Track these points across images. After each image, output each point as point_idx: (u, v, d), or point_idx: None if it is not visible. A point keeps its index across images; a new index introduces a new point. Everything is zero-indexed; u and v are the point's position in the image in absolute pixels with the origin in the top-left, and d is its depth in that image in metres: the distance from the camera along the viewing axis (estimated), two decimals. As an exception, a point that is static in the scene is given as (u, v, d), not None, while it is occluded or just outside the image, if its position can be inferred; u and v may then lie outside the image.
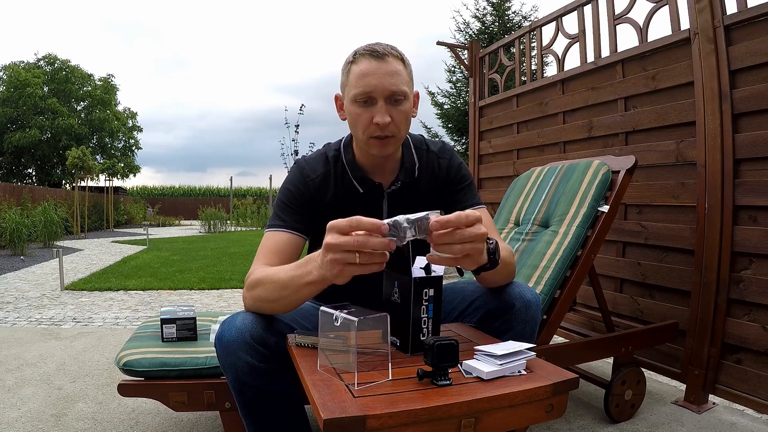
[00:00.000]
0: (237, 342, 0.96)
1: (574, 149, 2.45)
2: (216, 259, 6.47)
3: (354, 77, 1.05)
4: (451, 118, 10.68)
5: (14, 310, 3.42)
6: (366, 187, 1.17)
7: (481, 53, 3.34)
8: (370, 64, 1.03)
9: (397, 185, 1.17)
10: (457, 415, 0.75)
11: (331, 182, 1.17)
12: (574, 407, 1.78)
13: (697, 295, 1.77)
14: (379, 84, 1.03)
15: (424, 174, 1.20)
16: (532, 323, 1.09)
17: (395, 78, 1.04)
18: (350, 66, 1.07)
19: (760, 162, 1.62)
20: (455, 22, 11.49)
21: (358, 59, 1.05)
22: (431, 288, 0.93)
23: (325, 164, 1.18)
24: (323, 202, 1.16)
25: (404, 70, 1.07)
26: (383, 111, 1.04)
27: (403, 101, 1.06)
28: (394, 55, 1.05)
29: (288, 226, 1.12)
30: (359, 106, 1.06)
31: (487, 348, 0.87)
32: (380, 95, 1.04)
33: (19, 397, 1.86)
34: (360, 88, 1.04)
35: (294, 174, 1.18)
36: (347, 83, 1.08)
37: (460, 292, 1.21)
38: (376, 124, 1.04)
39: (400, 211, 1.00)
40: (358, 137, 1.10)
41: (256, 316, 1.01)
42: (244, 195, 24.11)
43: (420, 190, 1.19)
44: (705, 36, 1.75)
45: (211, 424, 1.66)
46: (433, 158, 1.21)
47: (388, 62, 1.04)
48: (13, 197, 9.38)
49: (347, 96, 1.08)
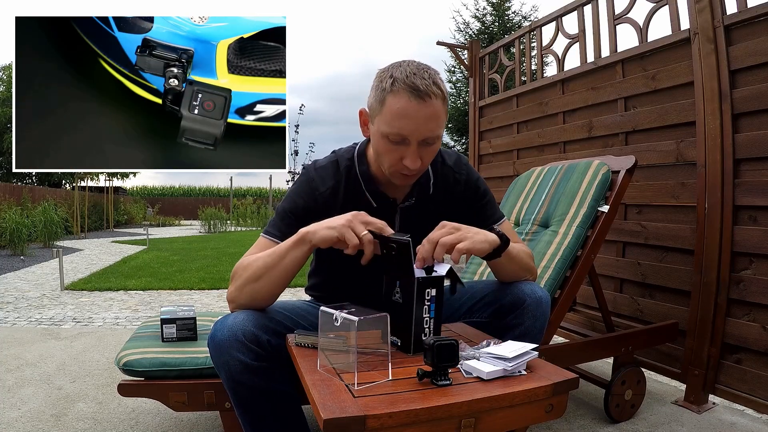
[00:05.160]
0: (229, 341, 0.97)
1: (574, 149, 2.44)
2: (216, 259, 6.47)
3: (390, 113, 0.97)
4: (451, 118, 10.69)
5: (14, 310, 3.42)
6: (379, 202, 1.14)
7: (481, 53, 3.34)
8: (409, 104, 0.95)
9: (411, 201, 1.15)
10: (457, 415, 0.75)
11: (341, 194, 1.13)
12: (574, 407, 1.78)
13: (697, 295, 1.77)
14: (416, 130, 0.97)
15: (440, 189, 1.17)
16: (542, 319, 1.11)
17: (434, 123, 0.98)
18: (386, 96, 0.98)
19: (760, 162, 1.62)
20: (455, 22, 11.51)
21: (398, 93, 0.96)
22: (433, 288, 0.93)
23: (336, 175, 1.14)
24: (333, 210, 1.10)
25: (443, 108, 0.99)
26: (415, 155, 1.00)
27: (436, 141, 1.02)
28: (436, 94, 0.97)
29: (285, 239, 1.08)
30: (390, 143, 1.00)
31: (490, 350, 0.87)
32: (415, 139, 0.98)
33: (19, 397, 1.86)
34: (395, 129, 0.98)
35: (302, 185, 1.14)
36: (380, 113, 1.00)
37: (469, 289, 1.22)
38: (404, 166, 1.01)
39: (412, 226, 1.06)
40: (383, 166, 1.07)
41: (248, 314, 1.01)
42: (244, 195, 24.11)
43: (434, 205, 1.16)
44: (705, 36, 1.75)
45: (211, 424, 1.66)
46: (448, 173, 1.18)
47: (428, 104, 0.96)
48: (13, 197, 9.37)
49: (377, 126, 1.02)
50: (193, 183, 29.46)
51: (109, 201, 13.73)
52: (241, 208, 16.21)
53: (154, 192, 26.40)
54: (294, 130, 9.08)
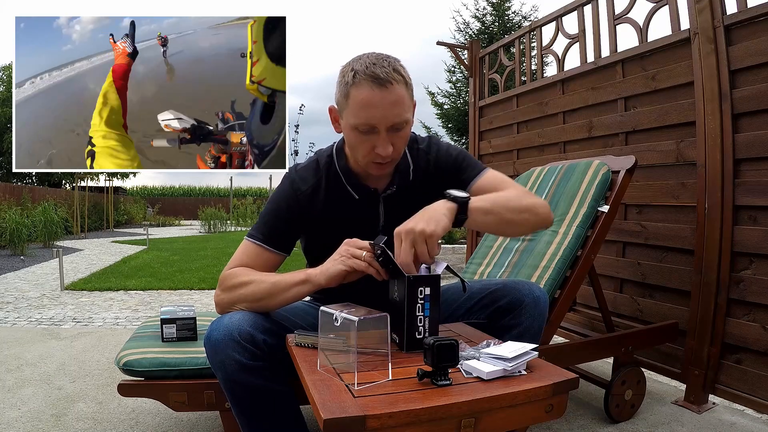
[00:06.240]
0: (225, 340, 0.98)
1: (574, 149, 2.44)
2: (216, 259, 6.47)
3: (355, 105, 1.00)
4: (451, 118, 10.70)
5: (14, 310, 3.42)
6: (361, 194, 1.15)
7: (481, 53, 3.34)
8: (372, 93, 0.98)
9: (392, 189, 1.16)
10: (457, 415, 0.75)
11: (323, 190, 1.15)
12: (574, 407, 1.78)
13: (697, 295, 1.77)
14: (383, 117, 0.99)
15: (420, 174, 1.18)
16: (540, 319, 1.11)
17: (399, 108, 1.00)
18: (349, 89, 1.00)
19: (760, 162, 1.62)
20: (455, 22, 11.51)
21: (359, 84, 0.99)
22: (428, 287, 0.93)
23: (317, 173, 1.16)
24: (315, 210, 1.15)
25: (406, 93, 1.02)
26: (386, 142, 1.02)
27: (405, 127, 1.04)
28: (397, 80, 0.99)
29: (269, 242, 1.12)
30: (360, 134, 1.03)
31: (490, 350, 0.87)
32: (383, 127, 1.01)
33: (19, 397, 1.86)
34: (362, 119, 1.00)
35: (284, 188, 1.16)
36: (346, 107, 1.03)
37: (467, 290, 1.22)
38: (377, 154, 1.03)
39: (397, 214, 1.07)
40: (357, 159, 1.09)
41: (244, 314, 1.02)
42: (244, 195, 24.11)
43: (417, 191, 1.17)
44: (705, 36, 1.74)
45: (211, 424, 1.66)
46: (423, 156, 1.19)
47: (391, 91, 0.98)
48: (13, 197, 9.37)
49: (346, 120, 1.04)
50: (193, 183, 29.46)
51: (109, 201, 13.73)
52: (241, 208, 16.21)
53: (154, 192, 26.39)
54: (294, 130, 9.08)
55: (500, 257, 1.82)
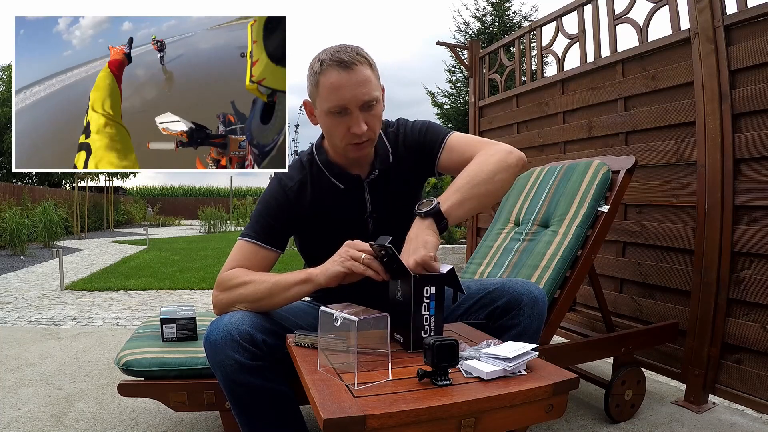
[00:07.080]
0: (224, 340, 0.98)
1: (574, 149, 2.44)
2: (216, 259, 6.47)
3: (325, 90, 1.05)
4: (451, 118, 10.71)
5: (14, 310, 3.42)
6: (345, 182, 1.18)
7: (481, 53, 3.34)
8: (339, 76, 1.03)
9: (374, 174, 1.19)
10: (457, 415, 0.75)
11: (309, 185, 1.19)
12: (574, 407, 1.78)
13: (697, 295, 1.77)
14: (353, 96, 1.04)
15: (398, 155, 1.21)
16: (539, 319, 1.11)
17: (367, 87, 1.04)
18: (318, 77, 1.05)
19: (760, 162, 1.62)
20: (455, 22, 11.51)
21: (326, 70, 1.04)
22: (433, 286, 0.93)
23: (301, 170, 1.20)
24: (304, 205, 1.18)
25: (372, 73, 1.07)
26: (359, 121, 1.05)
27: (376, 105, 1.08)
28: (361, 61, 1.05)
29: (263, 239, 1.14)
30: (334, 117, 1.07)
31: (490, 350, 0.87)
32: (354, 106, 1.04)
33: (19, 397, 1.86)
34: (333, 101, 1.04)
35: (273, 186, 1.20)
36: (317, 95, 1.08)
37: (466, 290, 1.22)
38: (353, 134, 1.06)
39: (382, 197, 1.16)
40: (336, 144, 1.12)
41: (244, 314, 1.03)
42: (244, 195, 24.13)
43: (399, 171, 1.20)
44: (705, 36, 1.75)
45: (211, 424, 1.66)
46: (396, 137, 1.23)
47: (356, 71, 1.03)
48: (13, 197, 9.37)
49: (319, 107, 1.09)
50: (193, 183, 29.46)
51: (109, 201, 13.73)
52: (241, 208, 16.22)
53: (154, 192, 26.41)
54: (294, 130, 9.09)
55: (500, 257, 1.82)
